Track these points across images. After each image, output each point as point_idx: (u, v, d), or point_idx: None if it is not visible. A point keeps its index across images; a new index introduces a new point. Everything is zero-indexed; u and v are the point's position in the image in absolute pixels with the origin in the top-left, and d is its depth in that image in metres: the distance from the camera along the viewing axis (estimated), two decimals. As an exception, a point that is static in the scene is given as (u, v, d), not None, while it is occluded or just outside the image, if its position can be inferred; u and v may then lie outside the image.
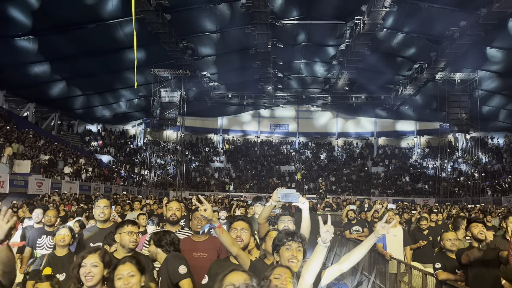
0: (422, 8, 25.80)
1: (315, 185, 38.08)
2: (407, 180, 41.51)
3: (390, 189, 39.71)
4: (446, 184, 37.73)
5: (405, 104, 41.63)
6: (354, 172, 43.81)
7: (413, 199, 34.36)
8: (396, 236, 7.42)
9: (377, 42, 29.75)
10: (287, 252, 2.93)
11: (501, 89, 34.03)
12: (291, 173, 43.68)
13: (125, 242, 3.76)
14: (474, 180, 35.78)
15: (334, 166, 45.52)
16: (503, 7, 21.91)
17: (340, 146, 50.06)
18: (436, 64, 30.53)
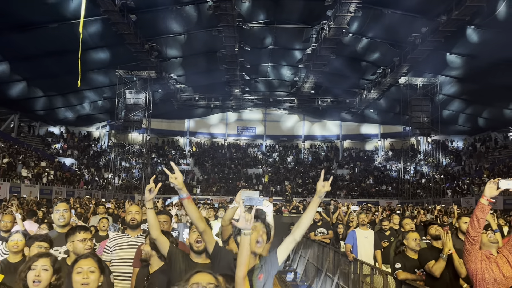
0: (386, 14, 26.46)
1: (282, 188, 38.31)
2: (371, 182, 42.34)
3: (355, 191, 40.39)
4: (409, 186, 38.73)
5: (369, 108, 42.51)
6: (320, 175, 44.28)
7: (377, 201, 35.07)
8: (367, 238, 7.49)
9: (342, 47, 30.28)
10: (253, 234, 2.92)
11: (460, 94, 35.27)
12: (258, 176, 43.80)
13: (79, 250, 3.66)
14: (435, 182, 36.87)
15: (301, 168, 45.92)
16: (462, 15, 22.74)
17: (307, 148, 50.59)
18: (399, 69, 31.32)
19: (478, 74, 29.75)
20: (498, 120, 37.41)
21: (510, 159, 33.44)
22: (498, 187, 3.35)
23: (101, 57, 30.81)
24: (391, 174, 44.17)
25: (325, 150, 50.24)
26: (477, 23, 24.78)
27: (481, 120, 39.29)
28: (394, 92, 36.96)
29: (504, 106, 34.73)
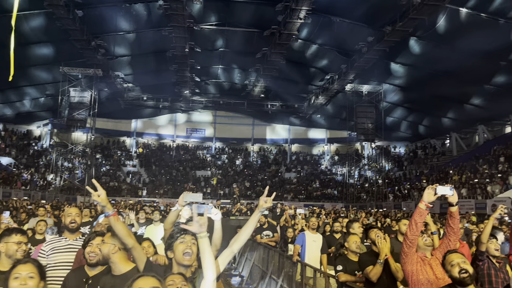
0: (334, 22, 27.16)
1: (230, 190, 38.29)
2: (317, 186, 43.22)
3: (301, 194, 41.06)
4: (353, 190, 39.91)
5: (317, 113, 43.41)
6: (269, 178, 44.74)
7: (323, 204, 35.82)
8: (315, 241, 7.57)
9: (292, 52, 30.74)
10: (182, 245, 2.89)
11: (403, 102, 36.85)
12: (206, 178, 43.53)
13: (12, 252, 3.48)
14: (378, 186, 38.22)
15: (250, 171, 46.13)
16: (405, 27, 23.74)
17: (256, 152, 50.91)
18: (346, 76, 32.19)
19: (419, 84, 31.22)
20: (436, 128, 39.41)
21: (446, 165, 35.28)
22: (436, 193, 3.52)
23: (44, 52, 29.53)
24: (337, 178, 45.32)
25: (274, 154, 50.77)
26: (419, 35, 26.01)
27: (421, 127, 41.26)
28: (341, 98, 37.97)
29: (442, 115, 36.64)
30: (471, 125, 36.29)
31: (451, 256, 3.30)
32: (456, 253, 3.35)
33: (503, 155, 28.83)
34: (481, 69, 26.63)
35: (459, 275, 3.19)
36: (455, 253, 3.33)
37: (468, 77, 28.14)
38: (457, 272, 3.20)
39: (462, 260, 3.24)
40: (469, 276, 3.16)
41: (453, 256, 3.29)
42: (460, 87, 29.67)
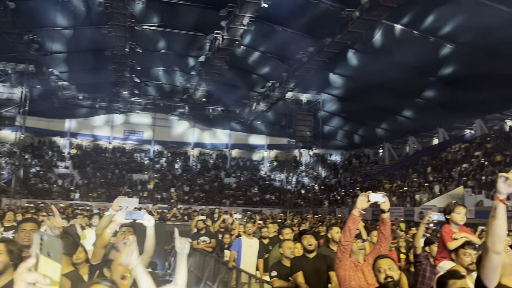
0: (277, 31, 27.62)
1: (168, 195, 37.60)
2: (256, 191, 43.53)
3: (240, 200, 41.15)
4: (291, 196, 40.61)
5: (258, 119, 43.83)
6: (208, 182, 44.47)
7: (261, 209, 36.14)
8: (252, 247, 7.56)
9: (235, 58, 30.87)
10: (120, 267, 2.79)
11: (340, 112, 38.13)
12: (143, 182, 42.46)
13: None
14: (314, 192, 39.17)
15: (189, 175, 45.60)
16: (344, 39, 24.61)
17: (196, 156, 50.43)
18: (286, 84, 32.77)
19: (355, 95, 32.48)
20: (370, 137, 41.15)
21: (379, 173, 36.88)
22: (369, 200, 3.65)
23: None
24: (275, 184, 45.92)
25: (214, 158, 50.57)
26: (357, 48, 27.07)
27: (356, 137, 42.89)
28: (281, 105, 38.63)
29: (376, 125, 38.33)
30: (402, 136, 38.22)
31: (380, 262, 3.41)
32: (386, 258, 3.46)
33: (430, 165, 30.57)
34: (413, 83, 28.17)
35: (384, 281, 3.32)
36: (384, 259, 3.45)
37: (401, 90, 29.68)
38: (382, 278, 3.33)
39: (389, 266, 3.35)
40: (393, 282, 3.30)
41: (381, 262, 3.40)
42: (393, 100, 31.21)
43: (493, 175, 22.34)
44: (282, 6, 24.14)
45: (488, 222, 2.42)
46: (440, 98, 29.21)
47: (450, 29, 22.36)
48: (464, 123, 33.04)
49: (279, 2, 22.98)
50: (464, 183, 24.05)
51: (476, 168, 25.05)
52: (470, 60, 23.71)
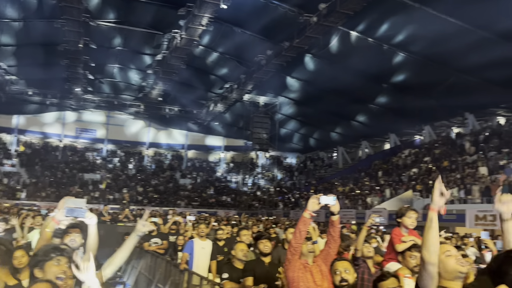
0: (236, 33, 27.63)
1: (120, 195, 36.71)
2: (212, 193, 43.30)
3: (195, 201, 40.80)
4: (246, 197, 40.69)
5: (215, 120, 43.65)
6: (162, 183, 43.79)
7: (216, 211, 35.98)
8: (204, 249, 7.48)
9: (193, 58, 30.62)
10: (55, 268, 2.67)
11: (296, 115, 38.62)
12: (95, 182, 41.24)
13: None
14: (270, 194, 39.44)
15: (143, 176, 44.73)
16: (302, 44, 24.95)
17: (150, 156, 49.54)
18: (244, 86, 32.84)
19: (312, 99, 33.02)
20: (325, 141, 41.94)
21: (332, 176, 37.62)
22: (319, 202, 3.68)
23: None
24: (231, 185, 45.86)
25: (169, 159, 49.87)
26: (314, 53, 27.52)
27: (312, 140, 43.58)
28: (239, 107, 38.67)
29: (331, 129, 39.11)
30: (356, 141, 39.19)
31: (337, 264, 3.47)
32: (343, 261, 3.52)
33: (382, 169, 31.51)
34: (367, 89, 28.99)
35: (339, 283, 3.38)
36: (342, 261, 3.50)
37: (355, 96, 30.48)
38: (338, 280, 3.39)
39: (345, 269, 3.41)
40: (347, 285, 3.36)
41: (338, 264, 3.46)
42: (348, 105, 32.00)
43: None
44: (241, 8, 24.21)
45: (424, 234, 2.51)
46: (392, 105, 30.19)
47: (402, 37, 23.15)
48: (414, 129, 34.31)
49: (238, 4, 23.01)
50: (413, 187, 24.93)
51: (424, 173, 26.03)
52: (420, 68, 24.68)
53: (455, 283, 2.55)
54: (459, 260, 2.58)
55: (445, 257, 2.59)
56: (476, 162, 22.96)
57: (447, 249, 2.65)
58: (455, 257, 2.60)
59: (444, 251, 2.63)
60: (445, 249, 2.65)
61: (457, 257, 2.60)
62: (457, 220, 18.82)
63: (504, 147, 22.70)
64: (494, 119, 29.13)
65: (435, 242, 2.45)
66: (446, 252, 2.62)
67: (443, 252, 2.62)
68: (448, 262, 2.57)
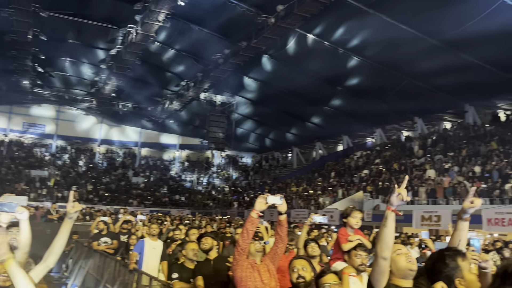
0: (193, 30, 27.35)
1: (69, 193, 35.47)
2: (165, 192, 42.71)
3: (148, 200, 40.11)
4: (201, 197, 40.42)
5: (170, 118, 43.07)
6: (114, 181, 42.73)
7: (169, 210, 35.51)
8: (155, 249, 7.36)
9: (149, 54, 30.07)
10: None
11: (253, 115, 38.77)
12: (43, 179, 39.64)
13: None
14: (224, 194, 39.37)
15: (94, 173, 43.47)
16: (259, 44, 25.06)
17: (102, 153, 48.21)
18: (201, 84, 32.60)
19: (268, 99, 33.28)
20: (281, 141, 42.39)
21: (287, 177, 38.05)
22: (266, 202, 3.70)
23: None
24: (185, 184, 45.41)
25: (122, 156, 48.72)
26: (271, 54, 27.72)
27: (267, 140, 43.92)
28: (195, 106, 38.34)
29: (286, 130, 39.56)
30: (310, 142, 39.86)
31: (294, 262, 3.50)
32: (300, 259, 3.55)
33: (334, 170, 32.19)
34: (322, 91, 29.56)
35: (296, 281, 3.42)
36: (299, 260, 3.54)
37: (311, 97, 31.01)
38: (295, 278, 3.43)
39: (303, 267, 3.45)
40: (304, 283, 3.40)
41: (295, 262, 3.49)
42: (303, 106, 32.49)
43: (390, 181, 24.09)
44: (199, 6, 24.04)
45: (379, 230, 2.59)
46: (346, 107, 30.93)
47: (357, 42, 23.74)
48: (366, 131, 35.31)
49: (196, 1, 22.86)
50: (363, 188, 25.63)
51: (375, 175, 26.82)
52: (373, 73, 25.43)
53: (406, 281, 2.63)
54: (409, 258, 2.67)
55: (396, 256, 2.67)
56: (423, 165, 23.89)
57: (398, 248, 2.74)
58: (405, 255, 2.68)
59: (395, 250, 2.71)
60: (396, 248, 2.74)
61: (407, 255, 2.69)
62: (405, 221, 19.49)
63: (450, 151, 23.77)
64: (441, 124, 30.48)
65: (388, 238, 2.53)
66: (397, 251, 2.71)
67: (394, 250, 2.70)
68: (399, 260, 2.65)
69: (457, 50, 20.94)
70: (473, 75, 21.80)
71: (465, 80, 22.38)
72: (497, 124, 24.51)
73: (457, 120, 28.68)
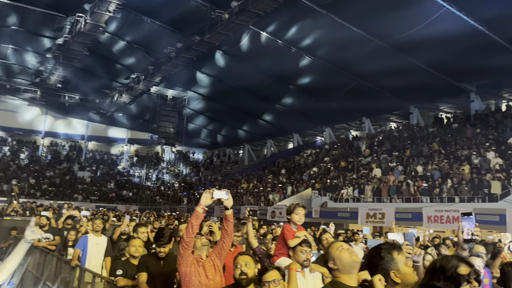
0: (145, 22, 26.74)
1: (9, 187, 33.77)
2: (112, 187, 41.60)
3: (94, 195, 38.92)
4: (149, 192, 39.69)
5: (119, 112, 41.93)
6: (59, 175, 41.11)
7: (116, 206, 34.67)
8: (99, 245, 7.14)
9: (98, 45, 29.08)
10: None
11: (205, 111, 38.49)
12: (-20, 172, 37.52)
13: None
14: (174, 190, 38.88)
15: (36, 167, 41.59)
16: (213, 39, 24.88)
17: (46, 146, 46.21)
18: (152, 78, 31.97)
19: (221, 95, 33.16)
20: (232, 138, 42.40)
21: (238, 173, 38.11)
22: (212, 196, 3.67)
23: None
24: (134, 179, 44.42)
25: (67, 150, 46.93)
26: (225, 50, 27.60)
27: (219, 136, 43.79)
28: (146, 99, 37.55)
29: (238, 127, 39.59)
30: (261, 139, 40.14)
31: (238, 258, 3.49)
32: (244, 255, 3.54)
33: (285, 167, 32.59)
34: (274, 89, 29.82)
35: (238, 277, 3.41)
36: (243, 256, 3.52)
37: (263, 95, 31.22)
38: (238, 274, 3.41)
39: (246, 263, 3.44)
40: (246, 279, 3.39)
41: (239, 258, 3.48)
42: (256, 103, 32.66)
43: (338, 179, 24.70)
44: (152, -2, 23.55)
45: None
46: (297, 106, 31.39)
47: (309, 42, 24.10)
48: (316, 130, 36.02)
49: (149, -7, 22.33)
50: (312, 185, 26.11)
51: (323, 172, 27.39)
52: (324, 72, 25.93)
53: (352, 276, 2.68)
54: (352, 252, 2.73)
55: (339, 253, 2.71)
56: (370, 164, 24.66)
57: (339, 245, 2.78)
58: (347, 250, 2.74)
59: (337, 247, 2.76)
60: (338, 245, 2.78)
61: (349, 250, 2.75)
62: (351, 218, 20.07)
63: (395, 151, 24.68)
64: (387, 124, 31.60)
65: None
66: (339, 248, 2.75)
67: (336, 248, 2.75)
68: (342, 256, 2.70)
69: (403, 53, 21.75)
70: (418, 78, 22.77)
71: (410, 83, 23.34)
72: (439, 126, 25.69)
73: (403, 121, 29.82)
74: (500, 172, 17.37)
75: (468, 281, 2.03)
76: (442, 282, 2.05)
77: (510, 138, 19.64)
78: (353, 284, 2.64)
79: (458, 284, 2.03)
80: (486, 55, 19.53)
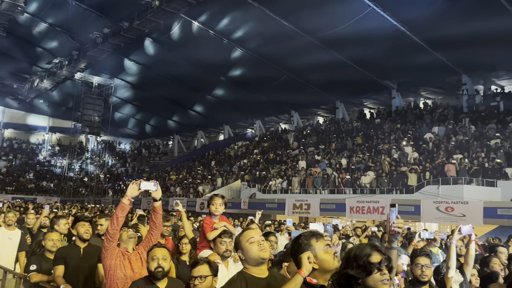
0: (70, 4, 25.32)
1: None
2: (31, 178, 39.21)
3: (11, 186, 36.45)
4: (72, 184, 37.90)
5: (40, 98, 39.53)
6: (-31, 165, 38.04)
7: (36, 197, 32.77)
8: (11, 239, 6.63)
9: (16, 26, 27.20)
10: None
11: (133, 100, 37.32)
12: None
13: None
14: (99, 181, 37.42)
15: None
16: (142, 26, 24.15)
17: (-45, 133, 42.52)
18: (76, 64, 30.50)
19: (150, 84, 32.32)
20: (162, 128, 41.58)
21: (167, 164, 37.47)
22: (139, 188, 3.55)
23: None
24: (55, 170, 42.17)
25: (-20, 137, 43.50)
26: (154, 37, 26.87)
27: (148, 126, 42.71)
28: (69, 86, 35.71)
29: (168, 117, 38.86)
30: (192, 130, 39.77)
31: (155, 251, 3.40)
32: (161, 248, 3.45)
33: (215, 159, 32.52)
34: (205, 80, 29.58)
35: (154, 270, 3.32)
36: (160, 249, 3.44)
37: (194, 85, 30.86)
38: (153, 267, 3.33)
39: (163, 256, 3.37)
40: (162, 272, 3.33)
41: (156, 251, 3.39)
42: (186, 94, 32.23)
43: (266, 171, 25.07)
44: (77, -21, 22.34)
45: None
46: (228, 97, 31.42)
47: (241, 34, 24.14)
48: (247, 122, 36.30)
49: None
50: (241, 177, 26.30)
51: (253, 164, 27.68)
52: (255, 65, 26.15)
53: (259, 268, 2.68)
54: (261, 246, 2.71)
55: (248, 244, 2.70)
56: (297, 156, 25.29)
57: (251, 236, 2.74)
58: (257, 243, 2.71)
59: (247, 238, 2.73)
60: (249, 236, 2.75)
61: (259, 243, 2.72)
62: (278, 208, 20.49)
63: (321, 144, 25.51)
64: (315, 118, 32.56)
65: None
66: (250, 239, 2.72)
67: (247, 239, 2.73)
68: (251, 249, 2.68)
69: (331, 49, 22.48)
70: (344, 74, 23.69)
71: (336, 78, 24.23)
72: (362, 120, 26.91)
73: (329, 115, 30.88)
74: (417, 165, 18.55)
75: (379, 269, 2.11)
76: (355, 270, 2.12)
77: (426, 134, 21.02)
78: (263, 275, 2.65)
79: (369, 272, 2.10)
80: (406, 55, 20.75)
